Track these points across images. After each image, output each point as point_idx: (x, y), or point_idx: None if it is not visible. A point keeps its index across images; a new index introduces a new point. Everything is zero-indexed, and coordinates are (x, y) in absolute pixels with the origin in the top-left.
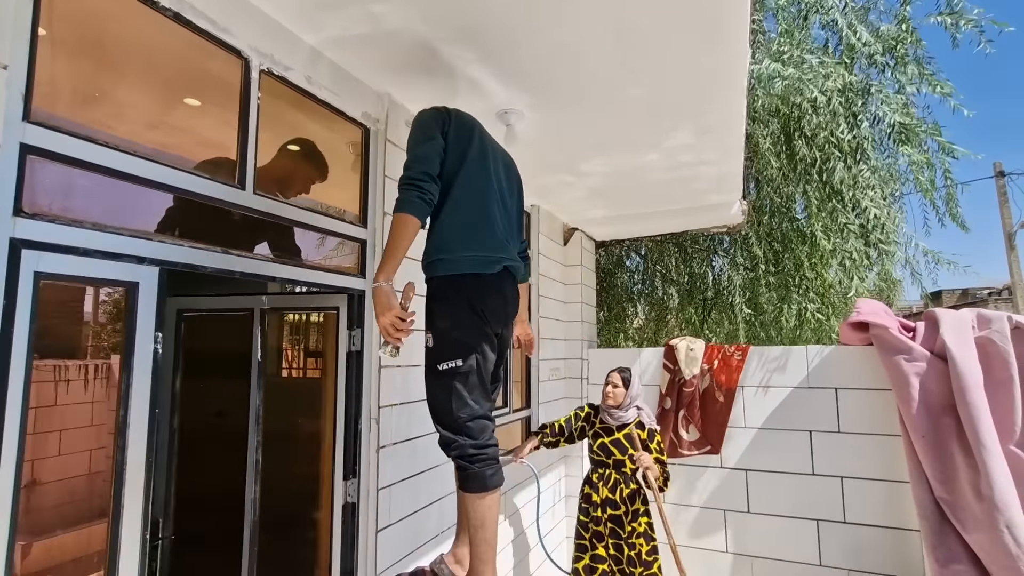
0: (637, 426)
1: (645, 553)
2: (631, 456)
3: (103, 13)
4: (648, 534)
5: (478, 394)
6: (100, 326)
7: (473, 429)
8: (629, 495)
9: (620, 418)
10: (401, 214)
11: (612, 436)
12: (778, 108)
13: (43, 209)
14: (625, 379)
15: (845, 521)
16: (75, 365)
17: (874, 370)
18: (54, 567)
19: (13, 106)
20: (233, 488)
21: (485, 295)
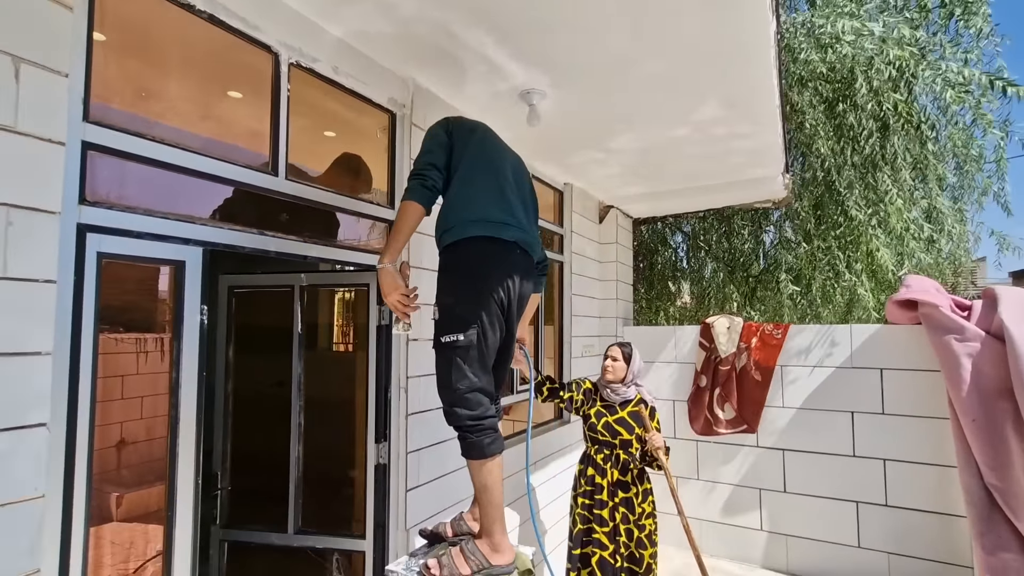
0: (638, 403)
1: (652, 532)
2: (639, 436)
3: (147, 19)
4: (653, 513)
5: (477, 367)
6: (160, 302)
7: (470, 401)
8: (638, 475)
9: (623, 394)
10: (404, 201)
11: (616, 415)
12: (827, 74)
13: (102, 197)
14: (626, 354)
15: (887, 504)
16: (151, 338)
17: (922, 350)
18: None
19: (75, 109)
20: (280, 448)
21: (489, 261)
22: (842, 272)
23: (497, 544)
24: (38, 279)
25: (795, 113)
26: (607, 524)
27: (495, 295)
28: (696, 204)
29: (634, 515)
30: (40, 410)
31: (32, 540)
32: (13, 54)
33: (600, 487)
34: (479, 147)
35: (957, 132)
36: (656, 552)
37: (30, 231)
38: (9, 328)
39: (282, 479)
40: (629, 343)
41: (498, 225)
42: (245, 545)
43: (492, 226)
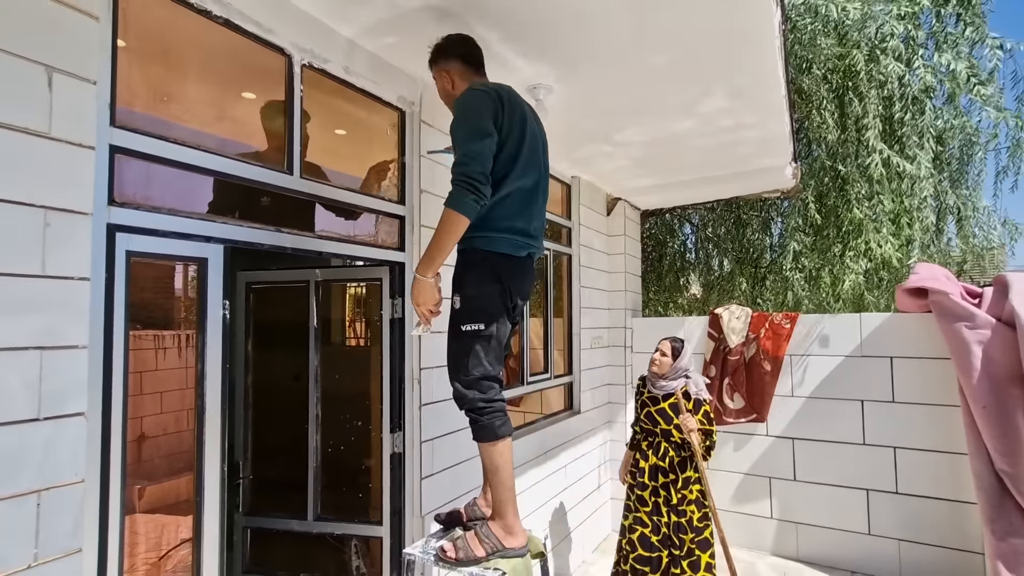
0: (683, 395)
1: (696, 520)
2: (677, 425)
3: (166, 25)
4: (700, 501)
5: (492, 357)
6: (177, 299)
7: (484, 385)
8: (679, 463)
9: (664, 387)
10: (457, 213)
11: (658, 405)
12: (834, 61)
13: (129, 198)
14: (675, 348)
15: (897, 492)
16: (170, 334)
17: (933, 338)
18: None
19: (102, 114)
20: (298, 438)
21: (511, 272)
22: (848, 262)
23: (510, 526)
24: (74, 277)
25: (803, 102)
26: (647, 504)
27: (509, 296)
28: (704, 195)
29: (674, 499)
30: (78, 400)
31: (75, 522)
32: (46, 64)
33: (642, 470)
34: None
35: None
36: (705, 539)
37: (65, 232)
38: (50, 323)
39: (301, 468)
40: (681, 339)
41: (522, 244)
42: (267, 532)
43: (517, 244)
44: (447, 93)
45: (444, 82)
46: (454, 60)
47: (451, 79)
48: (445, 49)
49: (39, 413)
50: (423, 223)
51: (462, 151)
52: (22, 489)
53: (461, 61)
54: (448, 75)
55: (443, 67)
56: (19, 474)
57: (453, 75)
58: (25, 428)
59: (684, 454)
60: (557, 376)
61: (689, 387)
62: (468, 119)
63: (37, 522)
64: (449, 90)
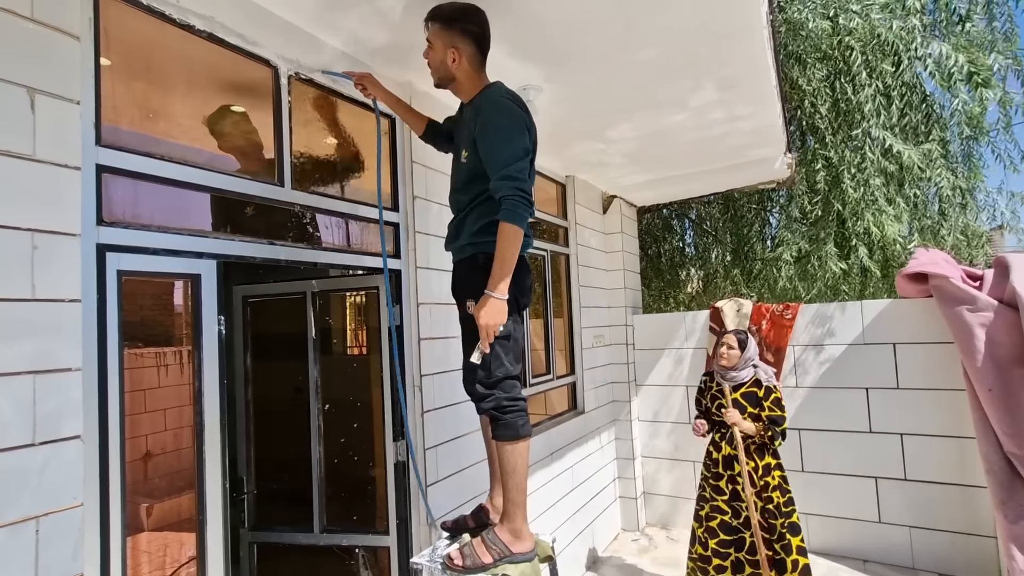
0: (754, 384)
1: (783, 504)
2: (752, 414)
3: (148, 41)
4: (783, 486)
5: (512, 357)
6: (174, 315)
7: (507, 384)
8: (756, 450)
9: (734, 379)
10: (518, 228)
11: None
12: (825, 51)
13: (118, 217)
14: (741, 341)
15: (906, 478)
16: (169, 351)
17: (935, 323)
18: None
19: (87, 134)
20: (301, 450)
21: (522, 272)
22: (847, 250)
23: (518, 531)
24: (64, 299)
25: (795, 92)
26: (724, 492)
27: (522, 298)
28: (700, 189)
29: (754, 487)
30: (74, 422)
31: (75, 546)
32: (28, 86)
33: (716, 461)
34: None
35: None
36: (795, 524)
37: (54, 253)
38: (42, 346)
39: (305, 480)
40: (745, 331)
41: (528, 240)
42: (274, 546)
43: (526, 243)
44: (444, 65)
45: (448, 55)
46: (470, 41)
47: (459, 59)
48: (467, 22)
49: (34, 438)
50: (417, 229)
51: (514, 166)
52: (20, 516)
53: (476, 47)
54: (457, 53)
55: (455, 41)
56: (16, 501)
57: (462, 56)
58: (21, 454)
59: (759, 441)
60: (560, 376)
61: (759, 375)
62: (514, 136)
63: (36, 548)
64: (448, 65)
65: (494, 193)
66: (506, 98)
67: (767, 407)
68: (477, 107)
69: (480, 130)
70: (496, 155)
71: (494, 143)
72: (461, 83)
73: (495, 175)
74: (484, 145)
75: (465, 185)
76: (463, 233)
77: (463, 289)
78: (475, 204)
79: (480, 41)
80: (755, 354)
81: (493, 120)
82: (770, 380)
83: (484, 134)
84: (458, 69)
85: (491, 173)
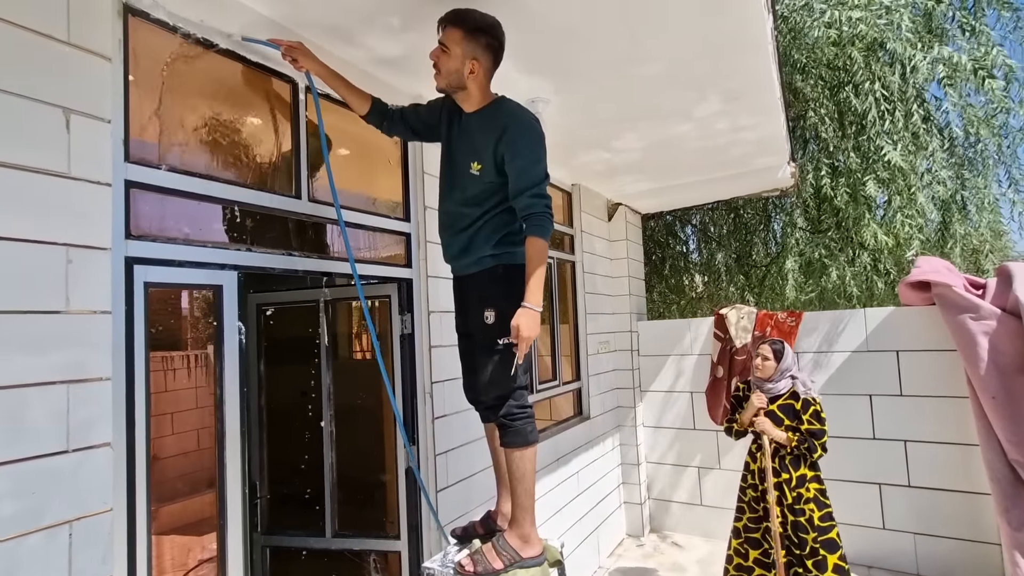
0: (791, 396)
1: (818, 519)
2: (788, 426)
3: (173, 60)
4: (820, 500)
5: (523, 368)
6: (183, 319)
7: (518, 393)
8: (792, 461)
9: (770, 390)
10: (546, 242)
11: (766, 408)
12: (829, 61)
13: (145, 231)
14: (776, 351)
15: (910, 485)
16: (177, 356)
17: (938, 330)
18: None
19: (117, 151)
20: (313, 455)
21: None
22: (851, 257)
23: (527, 536)
24: (96, 311)
25: (797, 101)
26: (755, 508)
27: None
28: (704, 196)
29: (788, 499)
30: (104, 430)
31: (105, 549)
32: (64, 106)
33: (752, 472)
34: None
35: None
36: (831, 540)
37: (86, 267)
38: (75, 357)
39: (317, 485)
40: (781, 341)
41: None
42: (286, 550)
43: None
44: (458, 74)
45: (467, 66)
46: (490, 56)
47: (476, 71)
48: (491, 36)
49: (68, 445)
50: (428, 239)
51: (543, 185)
52: (55, 520)
53: (493, 62)
54: (477, 65)
55: (477, 53)
56: (52, 506)
57: (479, 68)
58: (55, 460)
59: (795, 452)
60: (566, 383)
61: (797, 387)
62: (542, 155)
63: (70, 552)
64: (464, 75)
65: (525, 209)
66: (532, 116)
67: (806, 420)
68: (495, 120)
69: (510, 146)
70: (529, 174)
71: (528, 161)
72: (470, 93)
73: (527, 192)
74: (517, 162)
75: (477, 198)
76: (479, 245)
77: (481, 300)
78: (489, 217)
79: (498, 55)
80: (793, 364)
81: (524, 138)
82: (808, 392)
83: (515, 152)
84: (472, 81)
85: (520, 189)
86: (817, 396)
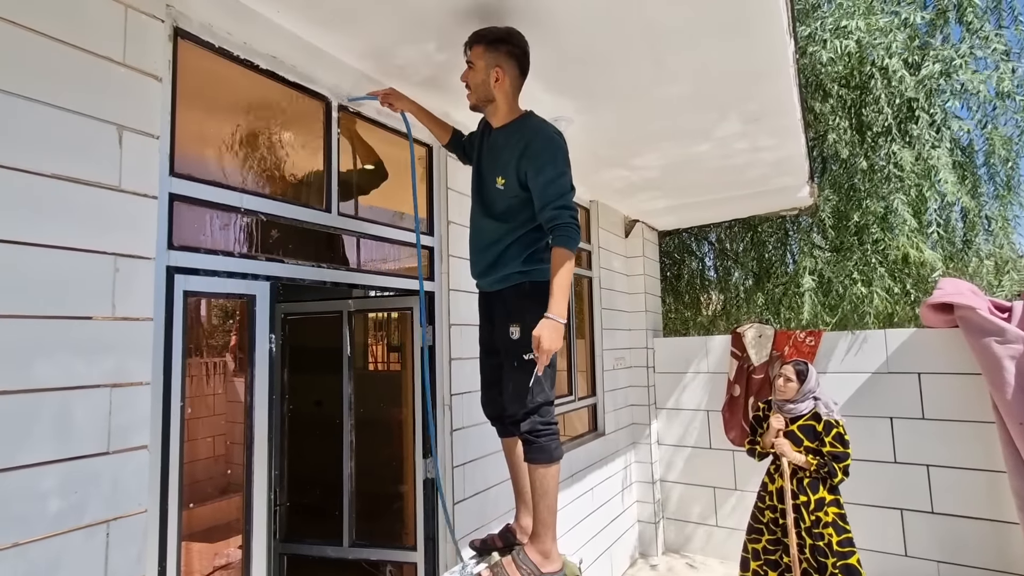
0: (812, 417)
1: (836, 543)
2: (808, 448)
3: (217, 78)
4: (839, 524)
5: (550, 382)
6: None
7: (544, 409)
8: (810, 483)
9: (791, 411)
10: (571, 253)
11: (786, 429)
12: (846, 79)
13: (186, 242)
14: (800, 371)
15: (933, 511)
16: (196, 362)
17: (962, 353)
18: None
19: (163, 165)
20: (333, 465)
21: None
22: (872, 277)
23: (547, 551)
24: (140, 317)
25: (817, 120)
26: (774, 529)
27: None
28: (721, 214)
29: (806, 522)
30: (142, 433)
31: (139, 549)
32: (117, 123)
33: (771, 493)
34: None
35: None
36: (851, 566)
37: (132, 276)
38: (119, 362)
39: (336, 494)
40: (805, 362)
41: None
42: (303, 558)
43: None
44: (485, 85)
45: (492, 75)
46: (514, 63)
47: (502, 79)
48: (512, 44)
49: (108, 447)
50: (451, 253)
51: (569, 196)
52: (94, 519)
53: (518, 70)
54: (501, 72)
55: (500, 61)
56: (92, 505)
57: (505, 77)
58: (96, 461)
59: (815, 475)
60: (581, 398)
61: (819, 408)
62: (566, 168)
63: (107, 551)
64: (491, 85)
65: (550, 221)
66: (554, 130)
67: (828, 442)
68: (519, 135)
69: (533, 160)
70: (553, 186)
71: (552, 175)
72: (499, 106)
73: (552, 204)
74: (541, 176)
75: (504, 214)
76: (507, 263)
77: (507, 315)
78: (517, 235)
79: (522, 63)
80: (816, 385)
81: (547, 152)
82: (831, 414)
83: (540, 165)
84: (499, 90)
85: (546, 202)
86: (840, 418)
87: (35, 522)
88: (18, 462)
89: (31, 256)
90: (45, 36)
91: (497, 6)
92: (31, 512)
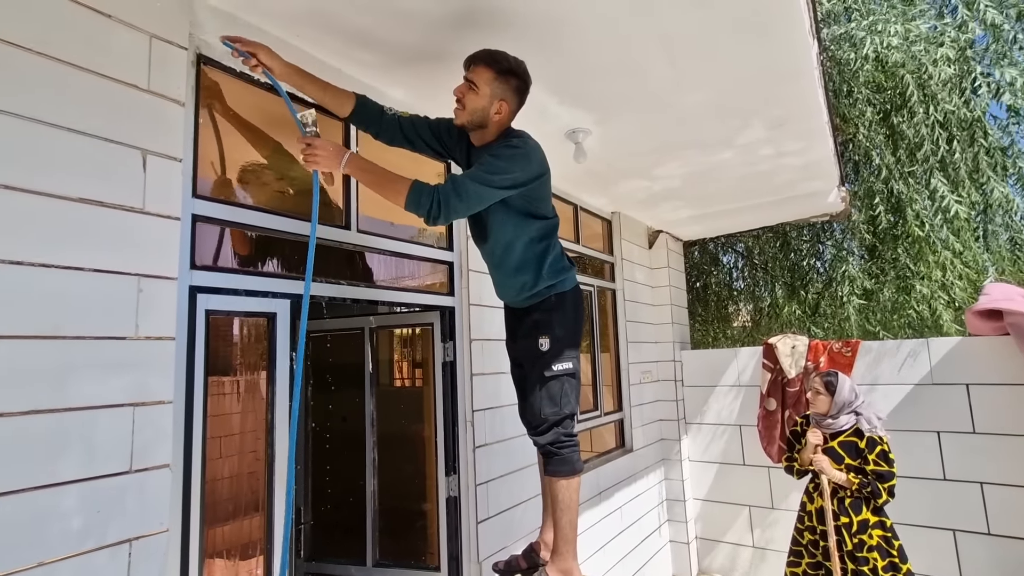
0: (854, 433)
1: (882, 569)
2: (849, 466)
3: (236, 101)
4: (883, 548)
5: (575, 395)
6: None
7: (567, 423)
8: (852, 504)
9: (831, 427)
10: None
11: (825, 445)
12: (880, 84)
13: (207, 262)
14: (828, 383)
15: (989, 533)
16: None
17: (1013, 362)
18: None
19: (186, 188)
20: (356, 482)
21: (581, 304)
22: (913, 285)
23: (569, 570)
24: (162, 337)
25: (847, 124)
26: (814, 552)
27: (581, 333)
28: (748, 222)
29: (848, 545)
30: (164, 452)
31: (160, 570)
32: (142, 148)
33: (809, 513)
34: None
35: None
36: None
37: (155, 296)
38: (142, 380)
39: (359, 513)
40: (834, 373)
41: (575, 272)
42: None
43: (574, 274)
44: (485, 113)
45: (495, 106)
46: (518, 101)
47: (503, 111)
48: (520, 80)
49: (131, 466)
50: (471, 268)
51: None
52: (117, 538)
53: (518, 105)
54: (504, 106)
55: (507, 95)
56: (115, 524)
57: (505, 109)
58: (119, 480)
59: (856, 495)
60: (607, 413)
61: (861, 423)
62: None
63: (129, 570)
64: (491, 115)
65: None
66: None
67: (872, 460)
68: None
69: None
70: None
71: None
72: (488, 132)
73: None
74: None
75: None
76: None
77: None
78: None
79: (523, 100)
80: (854, 398)
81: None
82: (874, 430)
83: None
84: (497, 121)
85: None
86: (885, 435)
87: (59, 541)
88: (47, 480)
89: (60, 278)
90: (75, 67)
91: (510, 17)
92: (56, 531)
